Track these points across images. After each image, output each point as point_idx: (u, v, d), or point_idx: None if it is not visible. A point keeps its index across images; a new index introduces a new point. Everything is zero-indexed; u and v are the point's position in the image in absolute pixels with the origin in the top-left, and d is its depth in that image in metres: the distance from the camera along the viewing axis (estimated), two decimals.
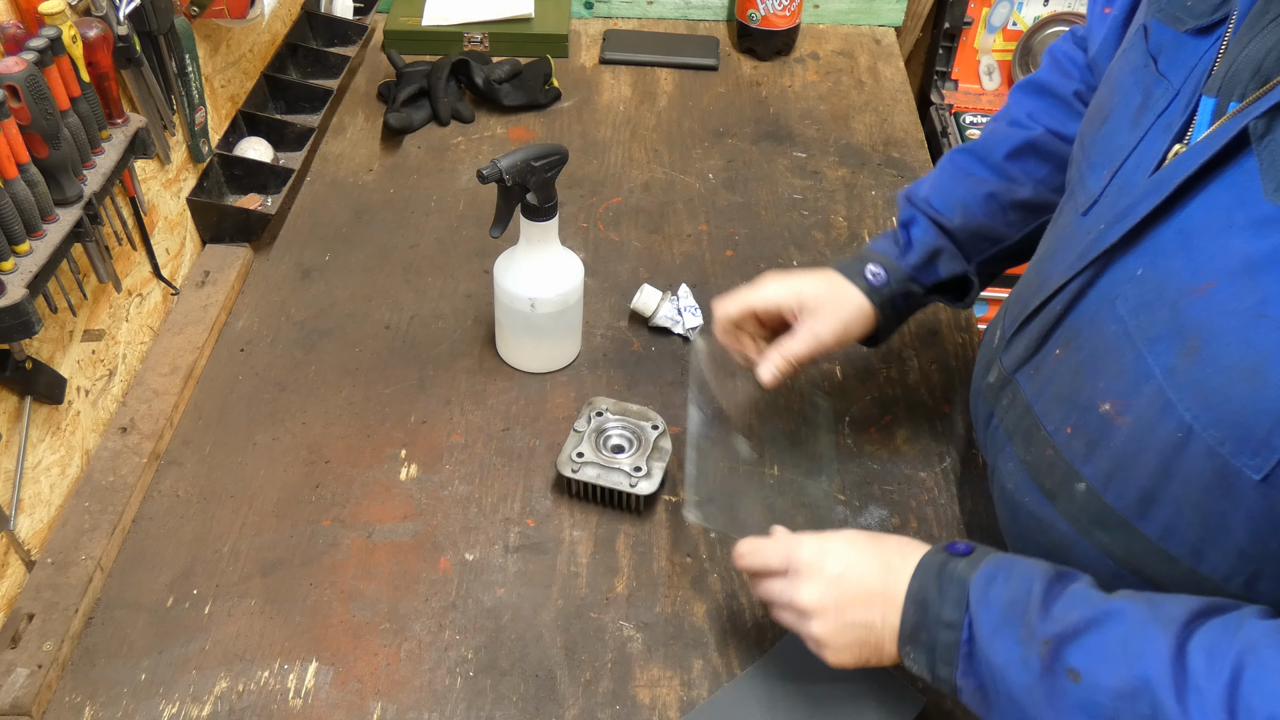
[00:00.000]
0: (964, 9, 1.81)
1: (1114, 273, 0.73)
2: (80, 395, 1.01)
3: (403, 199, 1.37)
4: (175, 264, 1.20)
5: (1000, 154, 0.98)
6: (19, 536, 0.91)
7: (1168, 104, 0.73)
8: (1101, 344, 0.73)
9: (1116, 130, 0.77)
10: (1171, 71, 0.74)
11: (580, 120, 1.52)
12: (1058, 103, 0.98)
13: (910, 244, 0.98)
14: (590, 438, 1.01)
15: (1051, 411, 0.78)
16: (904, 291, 0.97)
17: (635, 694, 0.87)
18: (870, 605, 0.73)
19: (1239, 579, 0.68)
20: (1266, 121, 0.62)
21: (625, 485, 0.97)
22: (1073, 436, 0.76)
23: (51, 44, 0.84)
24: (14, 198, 0.82)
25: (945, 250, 0.98)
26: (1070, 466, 0.76)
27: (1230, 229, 0.64)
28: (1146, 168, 0.72)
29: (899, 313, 0.99)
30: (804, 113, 1.55)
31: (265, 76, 1.40)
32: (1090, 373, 0.74)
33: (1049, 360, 0.79)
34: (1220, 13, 0.71)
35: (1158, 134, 0.73)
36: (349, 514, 1.00)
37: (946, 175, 1.01)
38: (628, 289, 1.22)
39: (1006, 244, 0.99)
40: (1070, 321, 0.77)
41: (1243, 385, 0.62)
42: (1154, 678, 0.60)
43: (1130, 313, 0.70)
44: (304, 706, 0.85)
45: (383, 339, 1.17)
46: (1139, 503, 0.71)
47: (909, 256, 0.98)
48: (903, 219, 1.01)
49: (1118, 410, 0.71)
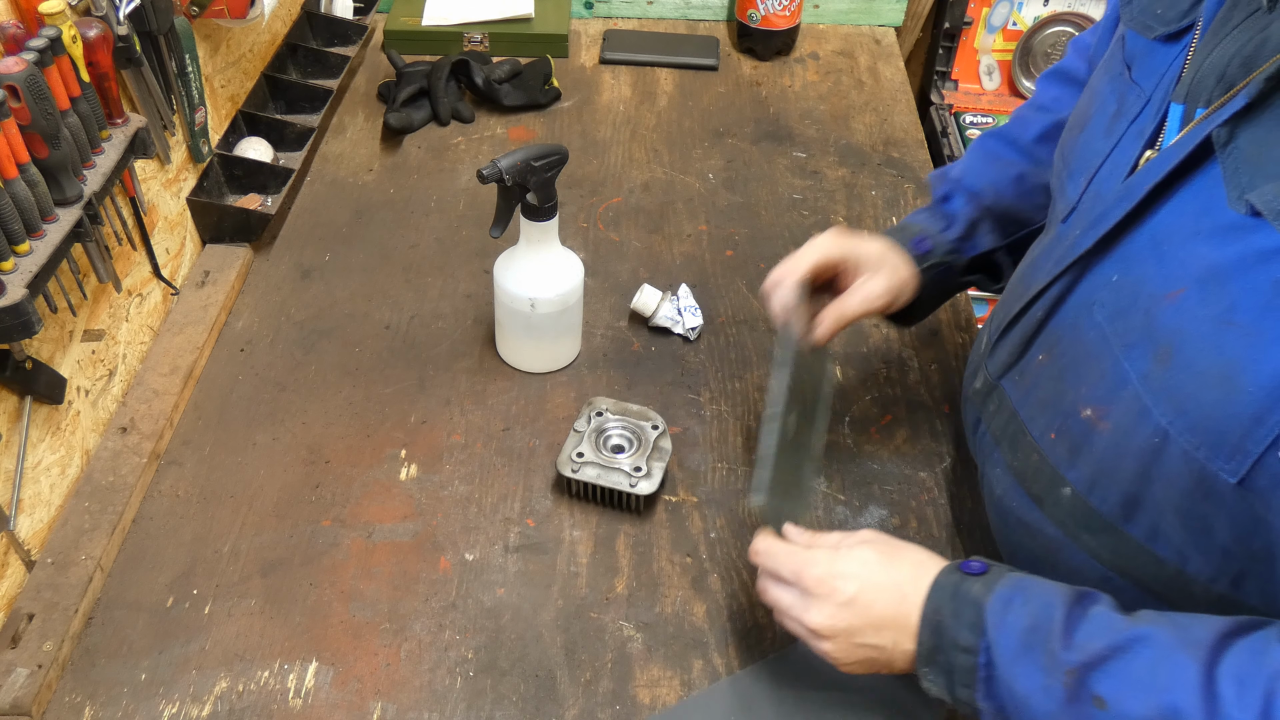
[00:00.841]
0: (964, 9, 1.81)
1: (1091, 279, 0.73)
2: (80, 395, 1.01)
3: (403, 199, 1.37)
4: (175, 264, 1.20)
5: (1029, 137, 0.99)
6: (19, 536, 0.91)
7: (1139, 110, 0.73)
8: (1081, 350, 0.73)
9: (1093, 137, 0.78)
10: (1143, 79, 0.74)
11: (580, 120, 1.52)
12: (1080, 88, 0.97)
13: (951, 216, 0.99)
14: (590, 438, 1.01)
15: (1036, 417, 0.79)
16: (945, 263, 0.97)
17: (635, 694, 0.87)
18: (882, 630, 0.73)
19: (1225, 579, 0.69)
20: (1229, 130, 0.63)
21: (625, 485, 0.97)
22: (1056, 441, 0.76)
23: (51, 44, 0.84)
24: (14, 198, 0.82)
25: (984, 222, 0.99)
26: (1055, 471, 0.77)
27: (1198, 236, 0.64)
28: (1120, 174, 0.73)
29: (937, 288, 0.99)
30: (804, 113, 1.55)
31: (265, 76, 1.40)
32: (1072, 378, 0.74)
33: (1032, 366, 0.80)
34: (1188, 19, 0.72)
35: (1130, 141, 0.73)
36: (349, 514, 1.00)
37: (977, 159, 1.01)
38: (628, 289, 1.22)
39: (1034, 226, 0.99)
40: (1051, 327, 0.78)
41: (1215, 391, 0.62)
42: (1183, 707, 0.60)
43: (1107, 319, 0.71)
44: (304, 706, 0.85)
45: (383, 339, 1.17)
46: (1123, 506, 0.72)
47: (951, 229, 0.98)
48: (939, 195, 1.01)
49: (1099, 415, 0.71)
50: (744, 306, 1.22)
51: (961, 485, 1.04)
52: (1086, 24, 1.80)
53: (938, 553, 0.97)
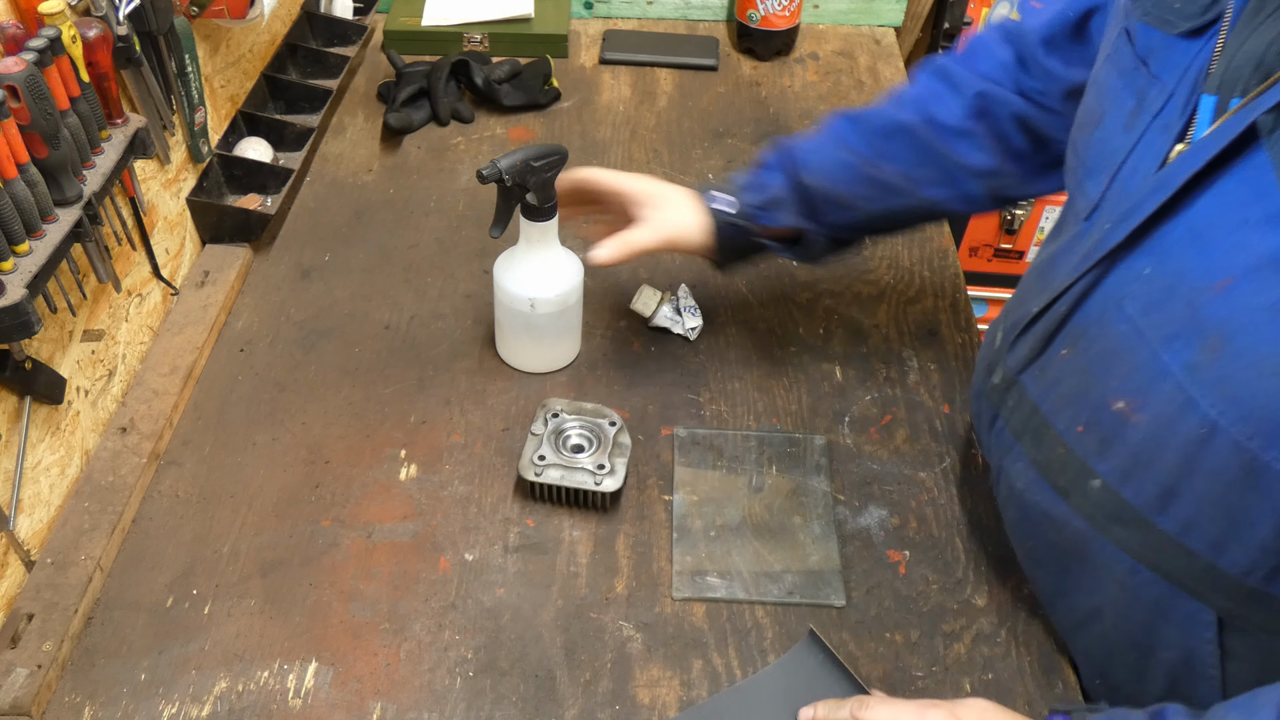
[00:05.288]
0: (964, 9, 1.81)
1: (1120, 273, 0.73)
2: (80, 395, 1.01)
3: (403, 199, 1.37)
4: (175, 264, 1.20)
5: (874, 129, 1.00)
6: (19, 536, 0.91)
7: (1163, 105, 0.73)
8: (1110, 343, 0.73)
9: (1110, 134, 0.78)
10: (1164, 73, 0.74)
11: (580, 120, 1.52)
12: (952, 92, 0.98)
13: (757, 185, 1.02)
14: (549, 439, 1.01)
15: (1061, 411, 0.79)
16: (735, 226, 1.02)
17: (635, 694, 0.87)
18: None
19: (1260, 573, 0.69)
20: (1275, 116, 0.62)
21: (590, 484, 0.97)
22: (1084, 434, 0.76)
23: (51, 44, 0.84)
24: (14, 198, 0.82)
25: (785, 201, 1.01)
26: (1083, 464, 0.76)
27: (1245, 225, 0.64)
28: (1147, 168, 0.72)
29: (738, 244, 1.04)
30: (804, 113, 1.55)
31: (265, 76, 1.40)
32: (1100, 372, 0.74)
33: (1055, 360, 0.79)
34: (1211, 13, 0.71)
35: (1156, 135, 0.73)
36: (349, 514, 1.00)
37: (821, 135, 1.03)
38: (628, 289, 1.22)
39: (857, 214, 1.02)
40: (1075, 322, 0.78)
41: (1272, 379, 0.62)
42: None
43: (1140, 312, 0.70)
44: (304, 706, 0.85)
45: (383, 339, 1.17)
46: (1158, 498, 0.71)
47: (749, 195, 1.02)
48: (761, 159, 1.04)
49: (1132, 408, 0.71)
50: (744, 306, 1.22)
51: (962, 485, 1.04)
52: None
53: (937, 553, 0.98)
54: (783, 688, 0.86)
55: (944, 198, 1.00)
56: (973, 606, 0.94)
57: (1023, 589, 0.94)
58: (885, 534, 0.99)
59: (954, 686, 0.88)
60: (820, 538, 0.98)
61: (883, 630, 0.92)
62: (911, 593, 0.94)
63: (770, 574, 0.95)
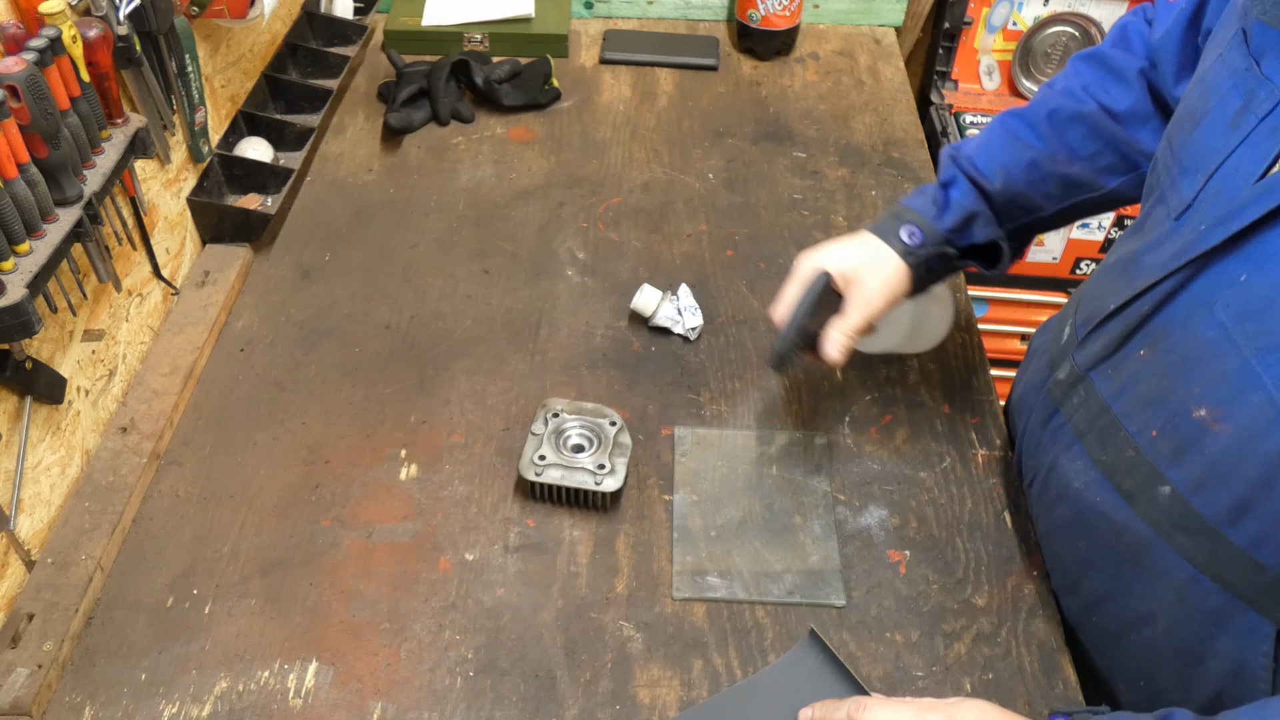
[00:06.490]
0: (964, 9, 1.81)
1: (1211, 276, 0.71)
2: (80, 395, 1.01)
3: (403, 199, 1.37)
4: (175, 264, 1.20)
5: (1050, 123, 0.96)
6: (19, 536, 0.91)
7: (1272, 107, 0.70)
8: (1195, 347, 0.71)
9: (1212, 134, 0.75)
10: (1277, 74, 0.71)
11: (580, 120, 1.52)
12: (1116, 79, 0.95)
13: (948, 205, 0.97)
14: (550, 439, 1.01)
15: (1134, 412, 0.77)
16: (938, 254, 0.96)
17: (635, 694, 0.87)
18: None
19: None
20: None
21: (591, 484, 0.97)
22: (1159, 439, 0.74)
23: (51, 44, 0.84)
24: (14, 198, 0.82)
25: (982, 215, 0.97)
26: (1154, 469, 0.75)
27: None
28: (1250, 171, 0.70)
29: (933, 274, 0.98)
30: (804, 113, 1.55)
31: (265, 76, 1.40)
32: (1182, 376, 0.72)
33: (1131, 360, 0.77)
34: None
35: (1262, 138, 0.70)
36: (349, 514, 1.00)
37: (995, 136, 0.99)
38: (628, 289, 1.22)
39: (1040, 215, 0.98)
40: (1157, 322, 0.75)
41: None
42: None
43: (1233, 319, 0.68)
44: (304, 706, 0.85)
45: (383, 339, 1.17)
46: (1231, 510, 0.70)
47: (946, 218, 0.96)
48: (943, 178, 0.99)
49: (1215, 417, 0.69)
50: (744, 306, 1.22)
51: (962, 485, 1.04)
52: (1086, 24, 1.80)
53: (937, 553, 0.98)
54: (783, 688, 0.86)
55: (1125, 186, 0.96)
56: (973, 606, 0.94)
57: (1023, 589, 0.94)
58: (885, 534, 0.99)
59: (954, 686, 0.88)
60: (820, 538, 0.98)
61: (883, 630, 0.92)
62: (912, 593, 0.94)
63: (770, 574, 0.95)
